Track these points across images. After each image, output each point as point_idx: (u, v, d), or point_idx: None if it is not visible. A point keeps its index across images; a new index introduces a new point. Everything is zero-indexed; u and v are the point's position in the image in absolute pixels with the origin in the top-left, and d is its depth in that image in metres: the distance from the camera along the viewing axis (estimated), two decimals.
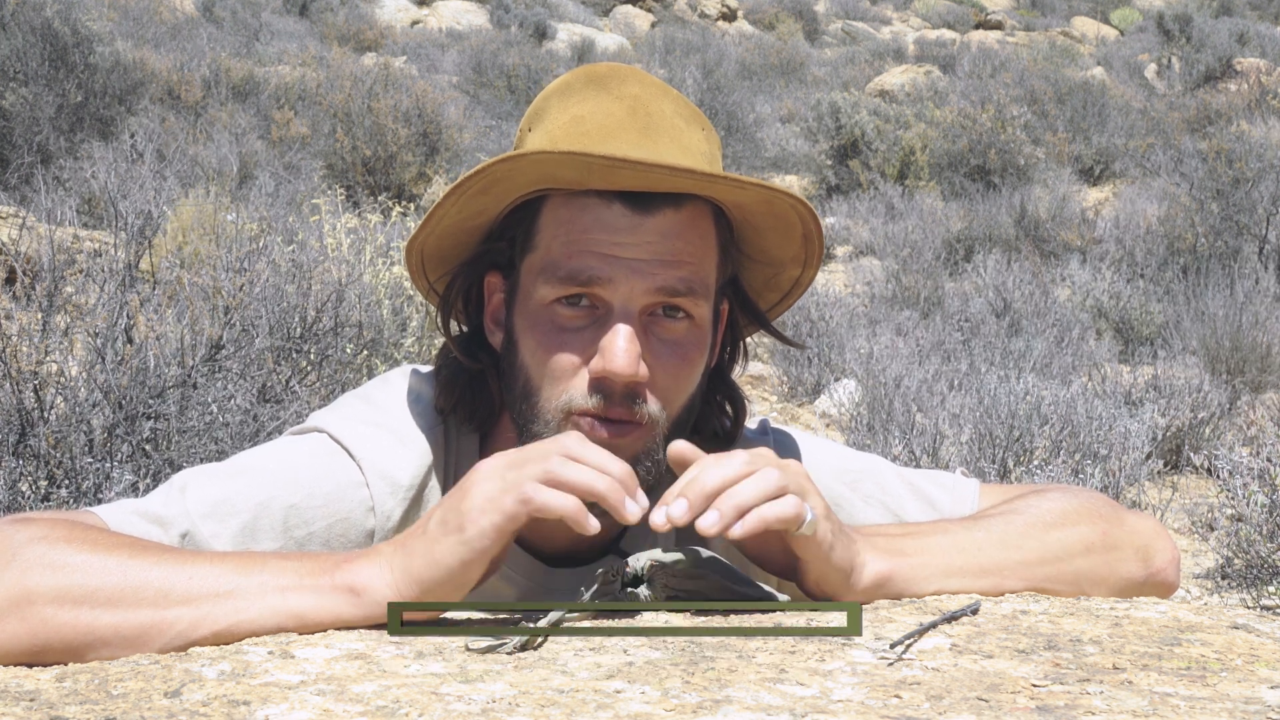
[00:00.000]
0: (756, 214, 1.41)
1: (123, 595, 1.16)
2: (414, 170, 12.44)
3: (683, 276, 1.36)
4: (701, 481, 1.20)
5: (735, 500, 1.19)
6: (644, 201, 1.35)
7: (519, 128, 1.49)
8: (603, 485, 1.17)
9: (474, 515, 1.16)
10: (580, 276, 1.35)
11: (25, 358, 3.35)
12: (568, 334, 1.36)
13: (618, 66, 1.45)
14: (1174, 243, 11.07)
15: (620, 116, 1.39)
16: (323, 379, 4.39)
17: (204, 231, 6.70)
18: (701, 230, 1.39)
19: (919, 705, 0.99)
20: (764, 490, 1.19)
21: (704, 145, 1.43)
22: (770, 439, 1.57)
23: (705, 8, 31.41)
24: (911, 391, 6.48)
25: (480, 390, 1.48)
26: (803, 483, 1.23)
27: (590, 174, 1.33)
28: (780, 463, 1.23)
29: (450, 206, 1.38)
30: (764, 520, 1.19)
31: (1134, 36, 31.05)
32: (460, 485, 1.20)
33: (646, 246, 1.35)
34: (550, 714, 0.96)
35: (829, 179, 15.90)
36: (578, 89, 1.43)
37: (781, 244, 1.45)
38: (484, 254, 1.45)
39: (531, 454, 1.19)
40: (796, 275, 1.49)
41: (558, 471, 1.17)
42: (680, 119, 1.42)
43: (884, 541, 1.31)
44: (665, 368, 1.37)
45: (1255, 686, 1.05)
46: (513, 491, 1.16)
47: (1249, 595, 4.68)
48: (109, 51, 11.71)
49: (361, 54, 20.21)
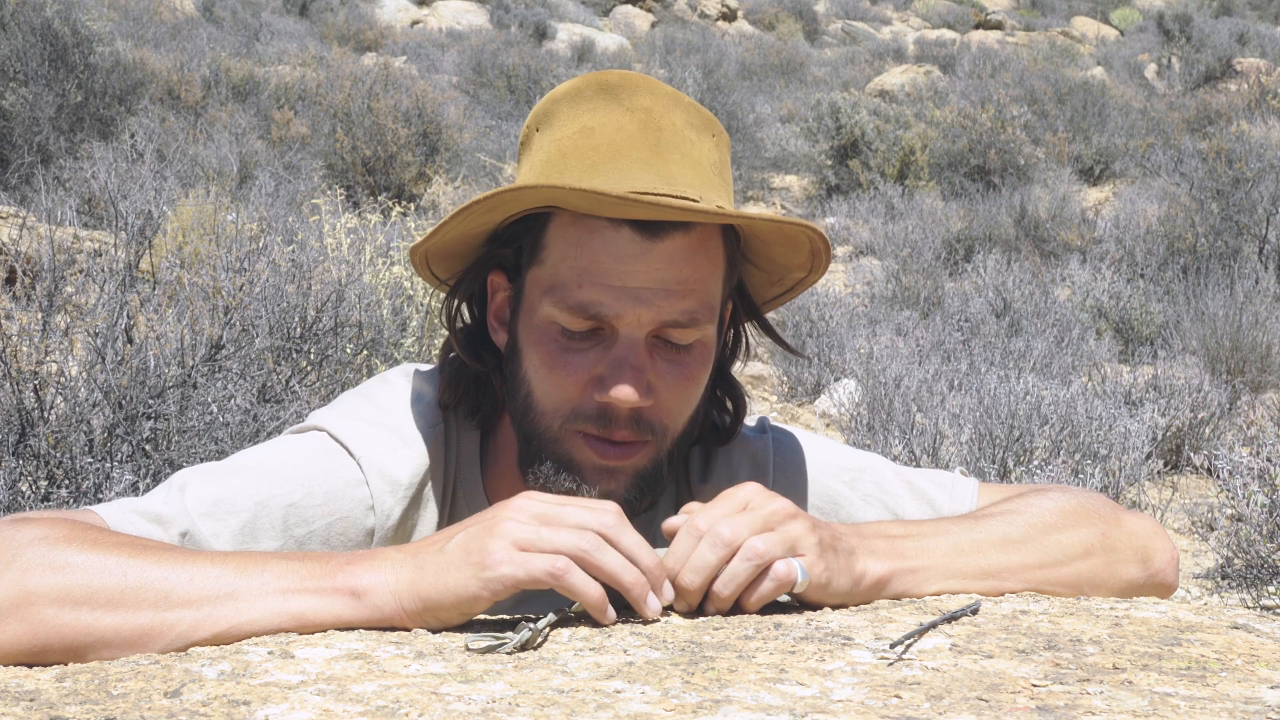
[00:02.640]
0: (766, 232, 1.42)
1: (123, 596, 1.16)
2: (414, 170, 12.44)
3: (687, 309, 1.36)
4: (691, 568, 1.21)
5: (725, 595, 1.21)
6: (654, 227, 1.35)
7: (525, 125, 1.48)
8: (629, 579, 1.18)
9: (497, 560, 1.15)
10: (589, 310, 1.35)
11: (25, 358, 3.35)
12: (572, 354, 1.37)
13: (629, 75, 1.44)
14: (1174, 243, 11.06)
15: (631, 131, 1.39)
16: (323, 379, 4.39)
17: (204, 231, 6.70)
18: (710, 252, 1.39)
19: (919, 705, 0.99)
20: (750, 572, 1.21)
21: (714, 154, 1.43)
22: (769, 438, 1.57)
23: (705, 8, 31.40)
24: (911, 391, 6.47)
25: (484, 387, 1.48)
26: (792, 535, 1.23)
27: (601, 206, 1.33)
28: (764, 518, 1.23)
29: (456, 224, 1.39)
30: (760, 602, 1.22)
31: (1134, 36, 31.06)
32: (491, 516, 1.19)
33: (654, 274, 1.35)
34: (550, 714, 0.96)
35: (829, 179, 15.90)
36: (588, 96, 1.42)
37: (788, 255, 1.46)
38: (490, 255, 1.45)
39: (569, 517, 1.18)
40: (800, 277, 1.50)
41: (593, 556, 1.17)
42: (691, 130, 1.42)
43: (884, 545, 1.31)
44: (670, 388, 1.38)
45: (1255, 686, 1.05)
46: (544, 561, 1.15)
47: (1249, 595, 4.68)
48: (109, 51, 11.71)
49: (361, 54, 20.21)
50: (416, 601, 1.17)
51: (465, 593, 1.16)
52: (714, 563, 1.21)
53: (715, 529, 1.22)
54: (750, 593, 1.22)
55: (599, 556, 1.17)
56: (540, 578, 1.15)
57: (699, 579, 1.21)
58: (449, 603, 1.17)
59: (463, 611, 1.17)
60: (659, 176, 1.36)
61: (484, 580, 1.16)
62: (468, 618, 1.19)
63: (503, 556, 1.15)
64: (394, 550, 1.21)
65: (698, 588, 1.21)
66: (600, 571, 1.17)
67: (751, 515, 1.23)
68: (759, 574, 1.21)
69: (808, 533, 1.24)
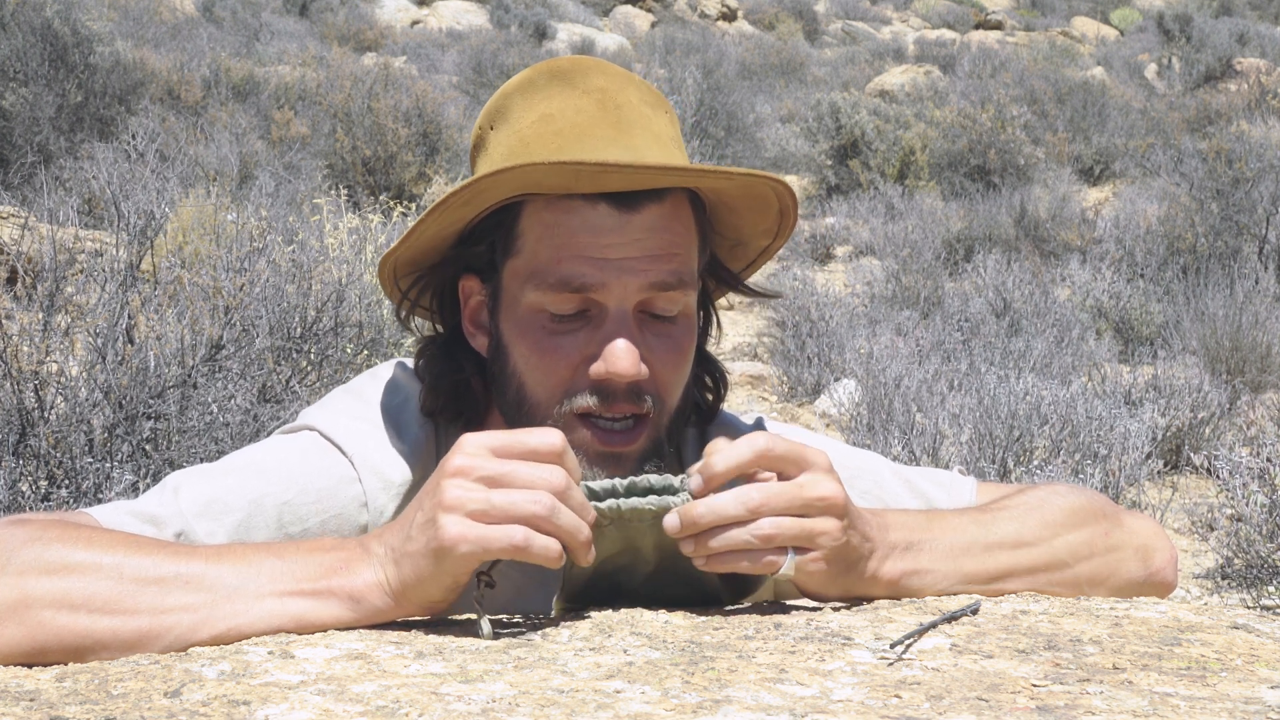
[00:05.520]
0: (735, 197, 1.42)
1: (121, 599, 1.16)
2: (414, 170, 12.43)
3: (673, 269, 1.37)
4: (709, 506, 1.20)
5: (715, 547, 1.20)
6: (629, 199, 1.35)
7: (477, 125, 1.48)
8: (582, 538, 1.17)
9: (454, 539, 1.14)
10: (572, 283, 1.35)
11: (26, 358, 3.35)
12: (561, 336, 1.37)
13: (579, 59, 1.45)
14: (1174, 243, 11.05)
15: (591, 112, 1.39)
16: (323, 379, 4.38)
17: (204, 231, 6.69)
18: (683, 219, 1.40)
19: (919, 705, 0.99)
20: (745, 545, 1.20)
21: (670, 129, 1.44)
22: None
23: (705, 8, 31.40)
24: (911, 391, 6.47)
25: (465, 393, 1.47)
26: (815, 530, 1.22)
27: (578, 180, 1.33)
28: (804, 502, 1.21)
29: (432, 222, 1.38)
30: (734, 570, 1.21)
31: (1134, 36, 31.06)
32: (435, 484, 1.17)
33: (635, 244, 1.35)
34: (550, 714, 0.96)
35: (829, 179, 15.89)
36: (542, 85, 1.42)
37: (755, 221, 1.46)
38: (458, 258, 1.44)
39: (519, 476, 1.16)
40: (765, 245, 1.50)
41: (549, 521, 1.15)
42: (647, 106, 1.43)
43: (902, 540, 1.31)
44: (662, 361, 1.38)
45: (1255, 686, 1.05)
46: (501, 535, 1.14)
47: (1249, 595, 4.68)
48: (109, 51, 11.71)
49: (361, 54, 20.21)
50: (405, 597, 1.18)
51: (438, 583, 1.16)
52: (728, 516, 1.20)
53: (749, 490, 1.21)
54: (735, 558, 1.21)
55: (556, 521, 1.15)
56: (498, 553, 1.14)
57: (710, 518, 1.20)
58: (433, 595, 1.17)
59: (445, 596, 1.18)
60: (626, 150, 1.36)
61: (446, 567, 1.15)
62: (452, 599, 1.19)
63: (457, 533, 1.14)
64: (376, 543, 1.20)
65: (705, 525, 1.20)
66: (557, 532, 1.15)
67: (792, 495, 1.21)
68: (753, 549, 1.20)
69: (836, 533, 1.22)
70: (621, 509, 1.22)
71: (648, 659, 1.10)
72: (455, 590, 1.18)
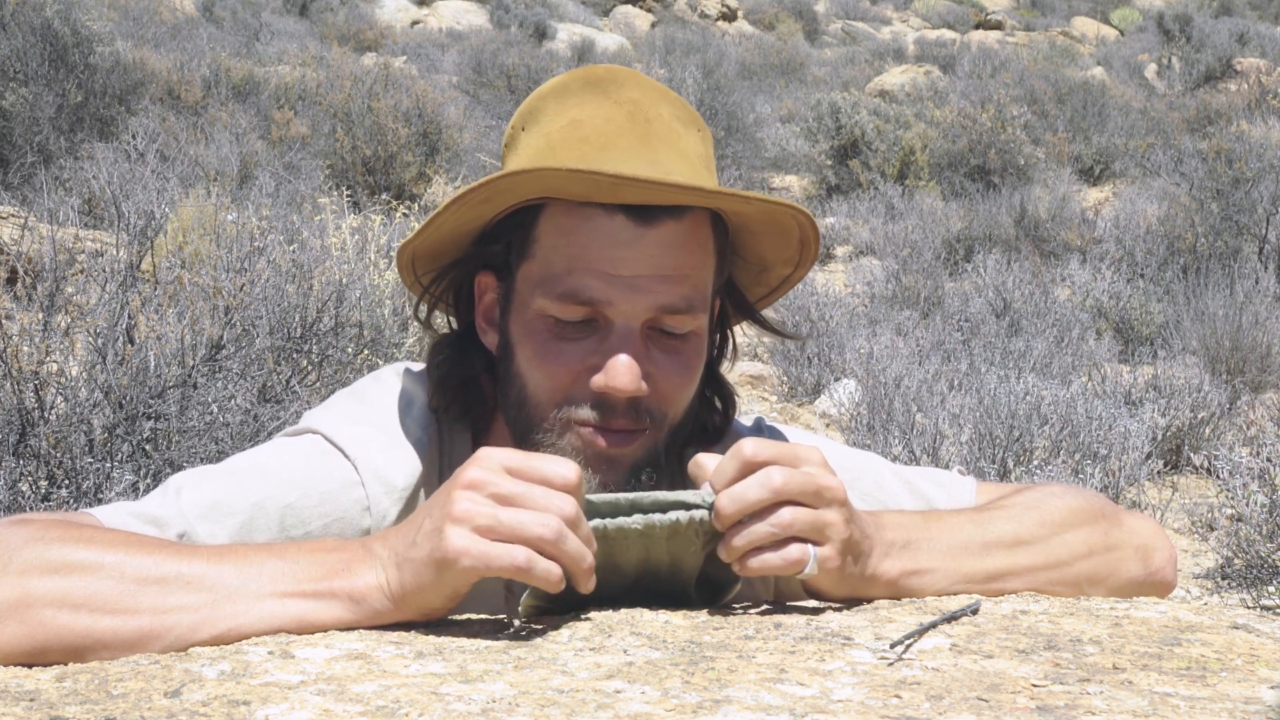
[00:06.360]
0: (756, 221, 1.42)
1: (121, 599, 1.16)
2: (414, 170, 12.43)
3: (684, 294, 1.36)
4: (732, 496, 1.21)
5: (737, 545, 1.21)
6: (646, 214, 1.35)
7: (510, 125, 1.48)
8: (585, 566, 1.17)
9: (457, 552, 1.14)
10: (580, 296, 1.35)
11: (26, 358, 3.35)
12: (566, 343, 1.37)
13: (615, 69, 1.45)
14: (1174, 243, 11.05)
15: (620, 122, 1.39)
16: (323, 379, 4.38)
17: (204, 231, 6.69)
18: (700, 239, 1.39)
19: (919, 705, 0.99)
20: (768, 537, 1.21)
21: (700, 148, 1.44)
22: (766, 436, 1.56)
23: (705, 8, 31.39)
24: (911, 391, 6.47)
25: (473, 389, 1.47)
26: (825, 521, 1.22)
27: (597, 189, 1.33)
28: (816, 489, 1.22)
29: (450, 216, 1.38)
30: (760, 571, 1.22)
31: (1134, 36, 31.05)
32: (446, 495, 1.17)
33: (648, 261, 1.35)
34: (550, 714, 0.96)
35: (829, 179, 15.89)
36: (575, 91, 1.42)
37: (777, 248, 1.46)
38: (477, 254, 1.45)
39: (530, 500, 1.16)
40: (787, 274, 1.50)
41: (555, 547, 1.15)
42: (678, 123, 1.42)
43: (900, 538, 1.31)
44: (666, 377, 1.38)
45: (1255, 686, 1.05)
46: (504, 554, 1.14)
47: (1249, 595, 4.68)
48: (109, 51, 11.70)
49: (361, 54, 20.20)
50: (404, 601, 1.18)
51: (438, 592, 1.17)
52: (753, 502, 1.20)
53: (770, 473, 1.21)
54: (756, 555, 1.21)
55: (561, 546, 1.15)
56: (499, 571, 1.14)
57: (737, 508, 1.20)
58: (433, 603, 1.18)
59: (445, 605, 1.18)
60: (649, 164, 1.36)
61: (447, 579, 1.16)
62: (452, 607, 1.19)
63: (461, 546, 1.14)
64: (380, 545, 1.20)
65: (733, 514, 1.20)
66: (561, 557, 1.16)
67: (805, 478, 1.22)
68: (775, 544, 1.21)
69: (842, 526, 1.23)
70: (608, 529, 1.22)
71: (648, 659, 1.10)
72: (455, 600, 1.18)
